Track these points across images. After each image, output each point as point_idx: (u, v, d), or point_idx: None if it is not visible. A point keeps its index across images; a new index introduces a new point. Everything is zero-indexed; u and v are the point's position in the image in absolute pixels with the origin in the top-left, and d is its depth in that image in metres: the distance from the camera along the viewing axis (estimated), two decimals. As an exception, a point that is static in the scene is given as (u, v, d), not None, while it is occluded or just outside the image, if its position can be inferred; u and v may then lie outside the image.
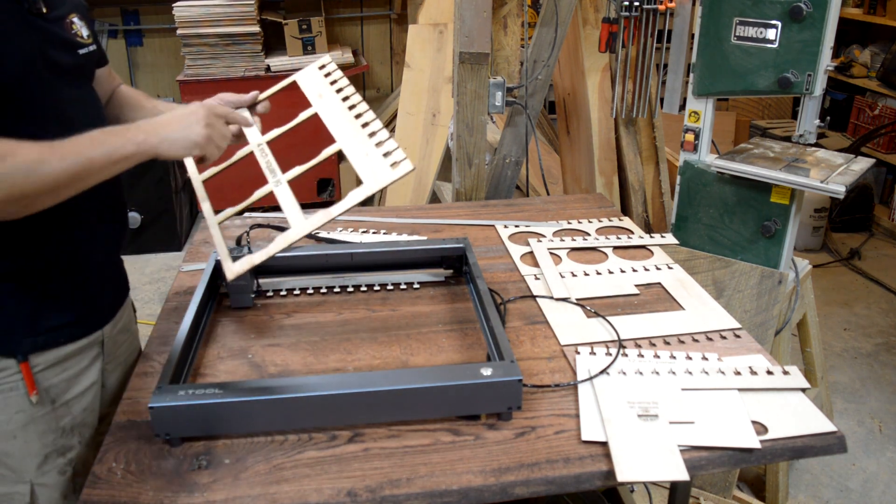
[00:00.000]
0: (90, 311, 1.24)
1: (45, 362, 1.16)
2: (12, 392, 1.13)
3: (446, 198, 3.06)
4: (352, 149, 1.28)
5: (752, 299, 2.12)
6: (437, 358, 1.30)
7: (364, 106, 1.34)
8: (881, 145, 4.45)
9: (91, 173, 1.06)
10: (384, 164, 1.22)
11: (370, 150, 1.25)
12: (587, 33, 2.74)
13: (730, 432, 1.09)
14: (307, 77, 1.47)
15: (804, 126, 1.98)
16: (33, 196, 1.01)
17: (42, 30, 1.12)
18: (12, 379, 1.12)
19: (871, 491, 2.41)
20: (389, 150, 1.24)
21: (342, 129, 1.32)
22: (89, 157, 1.05)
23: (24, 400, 1.14)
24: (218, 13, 3.90)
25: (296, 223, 1.23)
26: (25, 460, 1.16)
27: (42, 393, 1.15)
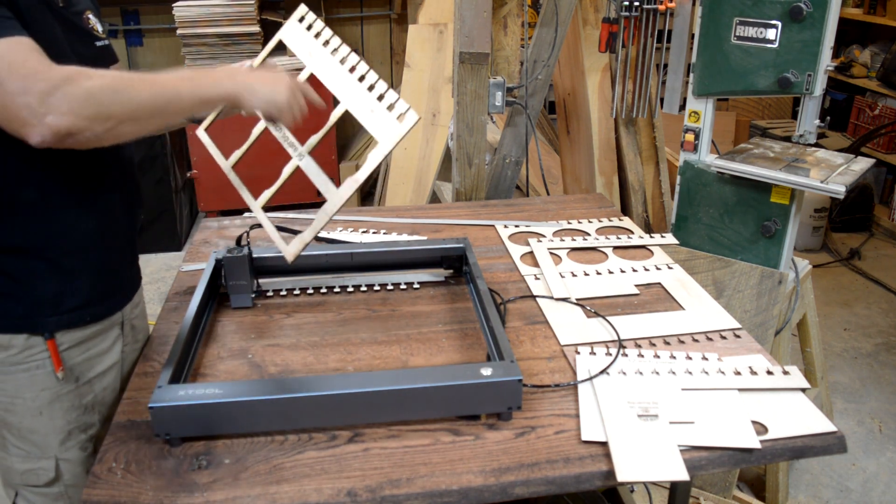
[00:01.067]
0: (112, 292, 1.27)
1: (70, 341, 1.19)
2: (39, 370, 1.16)
3: (446, 198, 3.06)
4: (356, 107, 1.26)
5: (752, 299, 2.12)
6: (437, 358, 1.30)
7: (355, 57, 1.31)
8: (881, 145, 4.45)
9: (176, 108, 1.09)
10: (391, 118, 1.21)
11: (374, 106, 1.24)
12: (587, 33, 2.74)
13: (730, 432, 1.09)
14: (291, 34, 1.43)
15: (804, 126, 1.98)
16: (119, 118, 1.01)
17: (67, 21, 1.15)
18: (39, 357, 1.16)
19: (871, 491, 2.41)
20: (392, 103, 1.22)
21: (341, 87, 1.30)
22: (178, 91, 1.08)
23: (51, 377, 1.17)
24: (218, 13, 3.90)
25: (331, 194, 1.24)
26: (50, 436, 1.20)
27: (67, 371, 1.18)
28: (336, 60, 1.32)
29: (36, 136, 0.96)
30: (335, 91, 1.30)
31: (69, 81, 0.97)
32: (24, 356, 1.15)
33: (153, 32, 4.61)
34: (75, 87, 0.97)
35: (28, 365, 1.16)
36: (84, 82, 0.98)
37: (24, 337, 1.14)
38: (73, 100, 0.96)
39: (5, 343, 1.14)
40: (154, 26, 4.58)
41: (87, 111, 0.98)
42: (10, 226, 1.12)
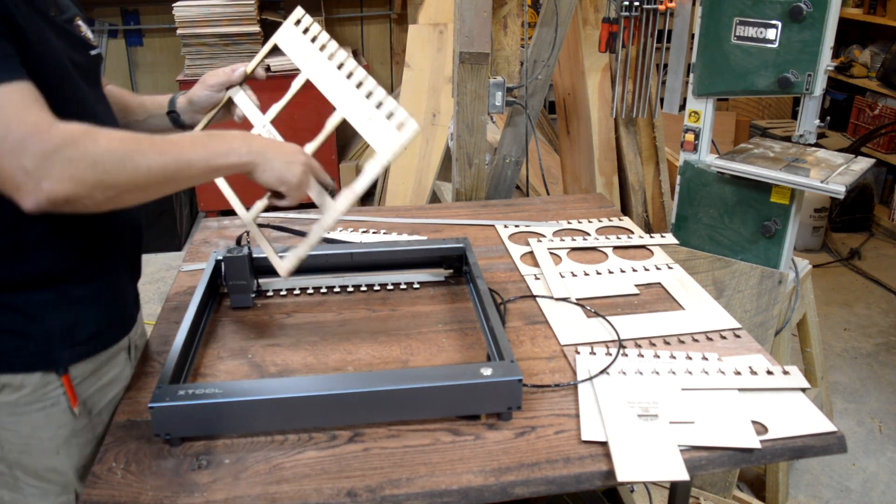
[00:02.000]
0: (120, 316, 1.22)
1: (83, 374, 1.13)
2: (54, 407, 1.10)
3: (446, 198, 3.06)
4: (354, 115, 1.22)
5: (752, 299, 2.12)
6: (437, 358, 1.30)
7: (352, 62, 1.27)
8: (881, 145, 4.45)
9: (186, 177, 1.03)
10: (389, 127, 1.17)
11: (372, 114, 1.20)
12: (587, 33, 2.74)
13: (730, 432, 1.09)
14: (287, 38, 1.38)
15: (804, 126, 1.98)
16: (123, 188, 0.95)
17: (62, 31, 1.09)
18: (55, 393, 1.09)
19: (871, 491, 2.41)
20: (391, 111, 1.18)
21: (338, 93, 1.25)
22: (189, 159, 1.02)
23: (67, 414, 1.11)
24: (218, 13, 3.90)
25: (326, 207, 1.20)
26: (69, 473, 1.15)
27: (81, 405, 1.13)
28: (333, 65, 1.28)
29: (29, 202, 0.89)
30: (331, 97, 1.26)
31: (71, 144, 0.89)
32: (38, 395, 1.09)
33: (153, 32, 4.61)
34: (78, 150, 0.90)
35: (43, 403, 1.09)
36: (88, 145, 0.91)
37: (39, 375, 1.08)
38: (75, 165, 0.89)
39: (18, 384, 1.07)
40: (154, 26, 4.58)
41: (89, 178, 0.90)
42: (22, 261, 1.06)
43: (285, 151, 1.15)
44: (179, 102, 1.39)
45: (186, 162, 1.01)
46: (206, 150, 1.05)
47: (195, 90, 1.38)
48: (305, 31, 1.36)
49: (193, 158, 1.02)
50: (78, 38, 1.14)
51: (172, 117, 1.39)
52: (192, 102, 1.38)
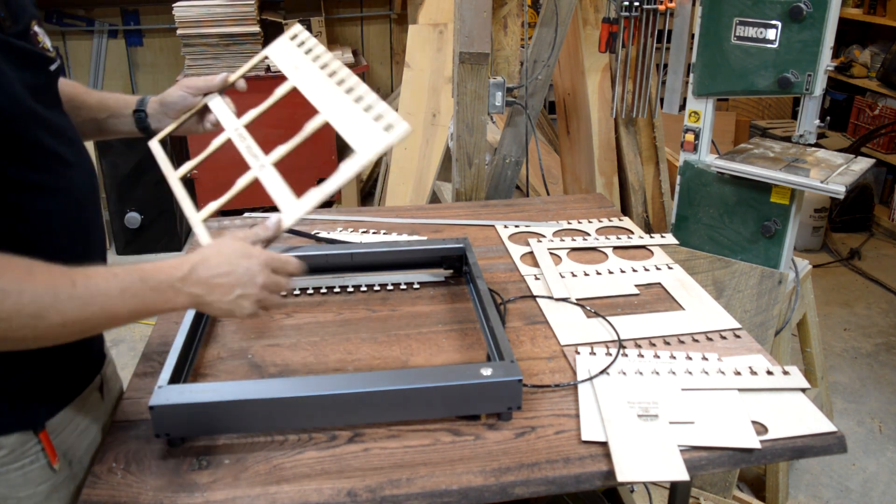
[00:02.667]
0: (92, 354, 1.16)
1: (61, 424, 1.05)
2: (34, 465, 1.02)
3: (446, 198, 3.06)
4: (338, 117, 1.15)
5: (752, 299, 2.12)
6: (437, 358, 1.30)
7: (346, 71, 1.20)
8: (881, 145, 4.45)
9: (107, 326, 0.93)
10: (376, 128, 1.10)
11: (359, 116, 1.13)
12: (587, 33, 2.74)
13: (730, 432, 1.09)
14: (279, 51, 1.32)
15: (804, 126, 1.98)
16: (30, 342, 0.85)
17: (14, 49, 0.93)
18: (33, 451, 1.01)
19: (871, 491, 2.41)
20: (381, 114, 1.11)
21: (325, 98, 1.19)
22: (115, 313, 0.90)
23: (47, 470, 1.04)
24: (218, 13, 3.89)
25: (287, 207, 1.12)
26: None
27: (61, 458, 1.05)
28: (324, 73, 1.23)
29: None
30: (316, 102, 1.20)
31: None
32: (16, 455, 1.00)
33: (153, 32, 4.61)
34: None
35: (21, 462, 1.01)
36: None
37: (16, 436, 0.99)
38: None
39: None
40: (154, 26, 4.58)
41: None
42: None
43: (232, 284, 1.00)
44: (151, 103, 1.31)
45: (110, 316, 0.90)
46: (137, 302, 0.92)
47: (170, 91, 1.31)
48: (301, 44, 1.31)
49: (120, 313, 0.91)
50: (35, 55, 0.98)
51: (138, 117, 1.30)
52: (165, 104, 1.31)
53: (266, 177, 1.18)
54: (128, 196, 3.95)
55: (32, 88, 0.95)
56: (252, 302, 1.02)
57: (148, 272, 0.94)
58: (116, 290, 0.90)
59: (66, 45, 4.49)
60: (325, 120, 1.18)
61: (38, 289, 0.83)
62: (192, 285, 0.97)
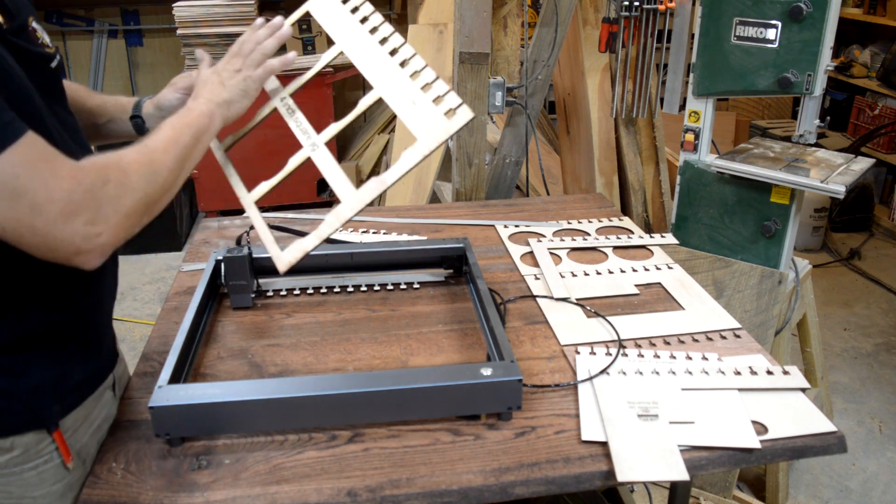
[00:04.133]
0: (106, 355, 1.16)
1: (74, 423, 1.06)
2: (47, 464, 1.02)
3: (446, 198, 3.06)
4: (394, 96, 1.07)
5: (752, 299, 2.12)
6: (437, 358, 1.30)
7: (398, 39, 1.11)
8: (881, 145, 4.45)
9: (189, 159, 1.06)
10: (437, 113, 1.03)
11: (417, 97, 1.06)
12: (587, 33, 2.74)
13: (730, 432, 1.09)
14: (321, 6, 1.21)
15: (804, 126, 1.98)
16: (160, 199, 0.98)
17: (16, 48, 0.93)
18: (47, 451, 1.02)
19: (871, 491, 2.41)
20: (440, 94, 1.04)
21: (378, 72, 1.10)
22: (184, 144, 1.05)
23: (61, 469, 1.04)
24: (218, 13, 3.90)
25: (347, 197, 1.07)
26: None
27: (75, 457, 1.05)
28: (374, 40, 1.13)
29: (94, 262, 0.87)
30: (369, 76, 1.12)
31: (106, 183, 0.87)
32: (30, 454, 1.01)
33: (153, 32, 4.61)
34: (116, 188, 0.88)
35: (36, 462, 1.01)
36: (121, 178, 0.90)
37: (31, 435, 0.99)
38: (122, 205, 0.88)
39: (7, 446, 0.98)
40: (154, 26, 4.58)
41: (138, 209, 0.92)
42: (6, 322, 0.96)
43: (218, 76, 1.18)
44: (146, 107, 1.31)
45: (184, 147, 1.04)
46: (187, 129, 1.07)
47: (164, 93, 1.31)
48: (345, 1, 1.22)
49: (186, 141, 1.05)
50: (35, 53, 0.98)
51: (136, 123, 1.31)
52: (161, 107, 1.30)
53: (320, 158, 1.12)
54: (128, 196, 3.94)
55: (37, 85, 0.96)
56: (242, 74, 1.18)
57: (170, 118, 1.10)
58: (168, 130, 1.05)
59: (66, 45, 4.49)
60: (379, 97, 1.11)
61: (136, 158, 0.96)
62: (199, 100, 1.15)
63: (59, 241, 0.84)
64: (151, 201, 0.96)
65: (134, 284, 3.78)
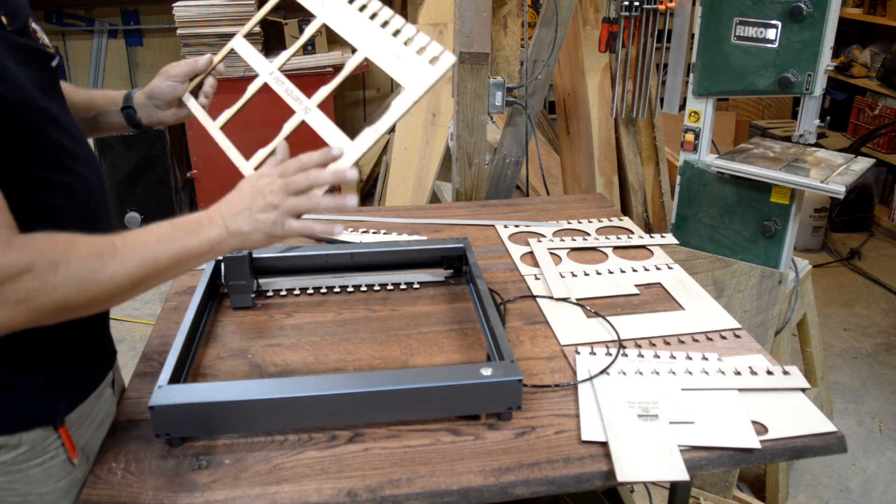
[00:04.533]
0: (107, 348, 1.17)
1: (78, 419, 1.06)
2: (53, 461, 1.03)
3: (446, 198, 3.06)
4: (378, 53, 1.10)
5: (752, 299, 2.12)
6: (437, 358, 1.30)
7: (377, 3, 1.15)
8: (881, 145, 4.45)
9: (154, 277, 0.94)
10: (421, 61, 1.05)
11: (400, 51, 1.08)
12: (587, 33, 2.74)
13: (730, 432, 1.09)
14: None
15: (804, 126, 1.98)
16: (86, 306, 0.89)
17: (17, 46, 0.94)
18: (53, 447, 1.02)
19: (871, 491, 2.41)
20: (423, 45, 1.07)
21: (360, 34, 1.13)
22: (155, 259, 0.93)
23: (66, 465, 1.04)
24: (217, 13, 3.89)
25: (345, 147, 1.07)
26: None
27: (79, 453, 1.06)
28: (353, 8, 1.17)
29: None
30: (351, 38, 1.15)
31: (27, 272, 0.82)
32: (36, 451, 1.01)
33: (153, 32, 4.61)
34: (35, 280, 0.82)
35: (42, 458, 1.01)
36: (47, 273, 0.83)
37: (37, 431, 1.00)
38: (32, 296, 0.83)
39: (14, 443, 0.98)
40: (154, 26, 4.58)
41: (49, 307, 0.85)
42: None
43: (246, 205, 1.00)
44: (137, 97, 1.29)
45: (153, 265, 0.93)
46: (173, 244, 0.95)
47: (155, 82, 1.28)
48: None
49: (162, 259, 0.94)
50: (36, 51, 0.99)
51: (127, 114, 1.29)
52: (153, 96, 1.28)
53: (314, 119, 1.14)
54: (128, 196, 3.95)
55: (37, 85, 0.96)
56: (276, 214, 0.99)
57: (178, 218, 0.99)
58: (153, 238, 0.94)
59: (66, 45, 4.49)
60: (364, 56, 1.13)
61: (82, 254, 0.87)
62: (216, 217, 1.00)
63: None
64: (72, 306, 0.88)
65: (134, 284, 3.76)
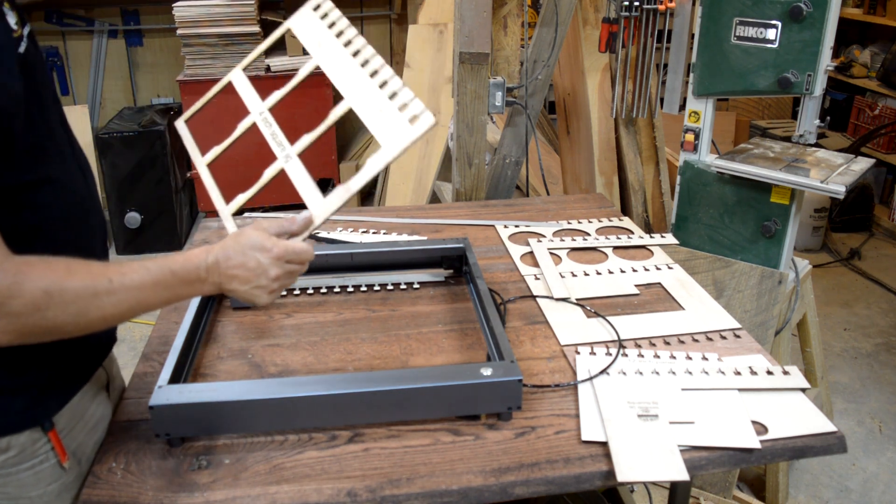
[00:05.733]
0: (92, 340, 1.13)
1: (69, 423, 1.06)
2: (43, 464, 1.02)
3: (446, 198, 3.06)
4: (363, 105, 1.12)
5: (752, 299, 2.12)
6: (437, 358, 1.30)
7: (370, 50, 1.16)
8: (881, 145, 4.45)
9: (141, 313, 0.98)
10: (401, 119, 1.07)
11: (384, 105, 1.10)
12: (587, 33, 2.74)
13: (730, 432, 1.09)
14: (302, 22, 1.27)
15: (804, 126, 1.98)
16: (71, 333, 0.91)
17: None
18: (43, 450, 1.02)
19: (871, 491, 2.41)
20: (405, 102, 1.08)
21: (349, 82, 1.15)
22: (148, 304, 0.97)
23: (57, 469, 1.03)
24: (218, 13, 3.89)
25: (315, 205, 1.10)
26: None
27: (71, 457, 1.05)
28: (348, 53, 1.19)
29: None
30: (340, 86, 1.17)
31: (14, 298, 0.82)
32: (26, 454, 1.00)
33: (153, 32, 4.61)
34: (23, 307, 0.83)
35: (32, 462, 1.01)
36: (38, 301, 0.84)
37: (27, 434, 0.99)
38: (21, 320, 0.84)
39: (3, 446, 0.98)
40: (154, 26, 4.58)
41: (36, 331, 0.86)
42: None
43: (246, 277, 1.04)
44: None
45: (144, 306, 0.97)
46: (168, 293, 0.99)
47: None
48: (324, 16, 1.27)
49: (152, 302, 0.98)
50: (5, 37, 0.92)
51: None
52: None
53: (292, 169, 1.16)
54: (128, 196, 3.95)
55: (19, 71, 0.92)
56: (267, 292, 1.07)
57: (178, 264, 1.00)
58: (150, 283, 0.96)
59: (66, 45, 4.48)
60: (349, 107, 1.15)
61: (77, 287, 0.88)
62: (214, 275, 1.03)
63: None
64: (59, 332, 0.89)
65: (134, 284, 3.76)
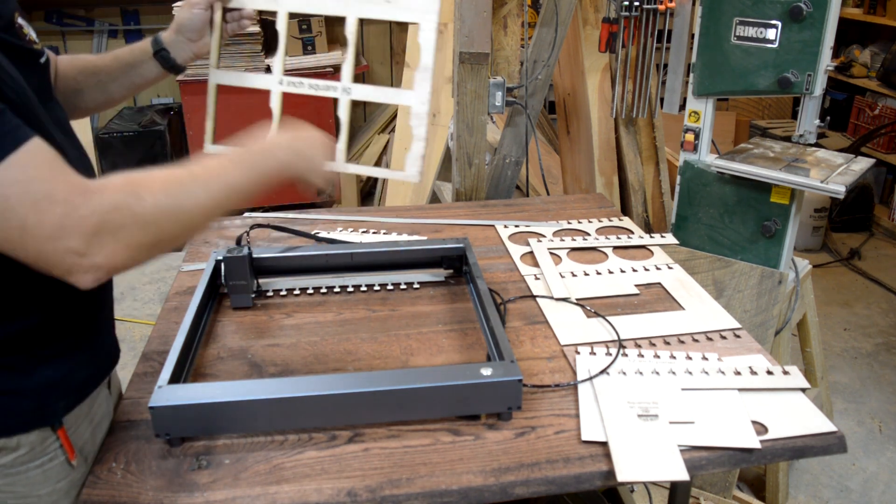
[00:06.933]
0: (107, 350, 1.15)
1: (76, 420, 1.05)
2: (52, 462, 1.02)
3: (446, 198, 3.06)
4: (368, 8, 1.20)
5: (752, 299, 2.12)
6: (437, 358, 1.30)
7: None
8: (881, 145, 4.45)
9: (234, 200, 0.97)
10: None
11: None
12: (587, 33, 2.74)
13: (730, 432, 1.09)
14: None
15: (804, 126, 1.98)
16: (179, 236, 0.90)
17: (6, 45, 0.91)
18: (52, 448, 1.02)
19: (871, 491, 2.41)
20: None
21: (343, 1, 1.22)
22: (234, 182, 0.96)
23: (65, 466, 1.03)
24: (218, 13, 3.90)
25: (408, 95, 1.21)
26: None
27: (78, 454, 1.05)
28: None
29: (87, 281, 0.82)
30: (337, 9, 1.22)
31: (115, 209, 0.82)
32: (35, 453, 1.00)
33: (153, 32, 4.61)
34: (125, 215, 0.82)
35: (41, 460, 1.01)
36: (134, 207, 0.83)
37: (36, 433, 0.99)
38: (126, 233, 0.83)
39: (13, 445, 0.97)
40: (154, 26, 4.58)
41: (145, 241, 0.85)
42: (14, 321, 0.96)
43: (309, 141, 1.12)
44: (166, 37, 1.31)
45: (232, 186, 0.96)
46: (246, 167, 1.00)
47: (180, 14, 1.29)
48: None
49: (238, 180, 0.97)
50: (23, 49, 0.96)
51: (162, 56, 1.31)
52: (181, 29, 1.30)
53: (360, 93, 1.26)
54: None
55: (30, 83, 0.94)
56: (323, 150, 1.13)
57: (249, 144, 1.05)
58: (228, 161, 0.98)
59: (66, 45, 4.49)
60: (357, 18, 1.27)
61: (164, 184, 0.89)
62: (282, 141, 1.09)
63: (50, 261, 0.81)
64: (167, 237, 0.88)
65: (134, 284, 3.77)
